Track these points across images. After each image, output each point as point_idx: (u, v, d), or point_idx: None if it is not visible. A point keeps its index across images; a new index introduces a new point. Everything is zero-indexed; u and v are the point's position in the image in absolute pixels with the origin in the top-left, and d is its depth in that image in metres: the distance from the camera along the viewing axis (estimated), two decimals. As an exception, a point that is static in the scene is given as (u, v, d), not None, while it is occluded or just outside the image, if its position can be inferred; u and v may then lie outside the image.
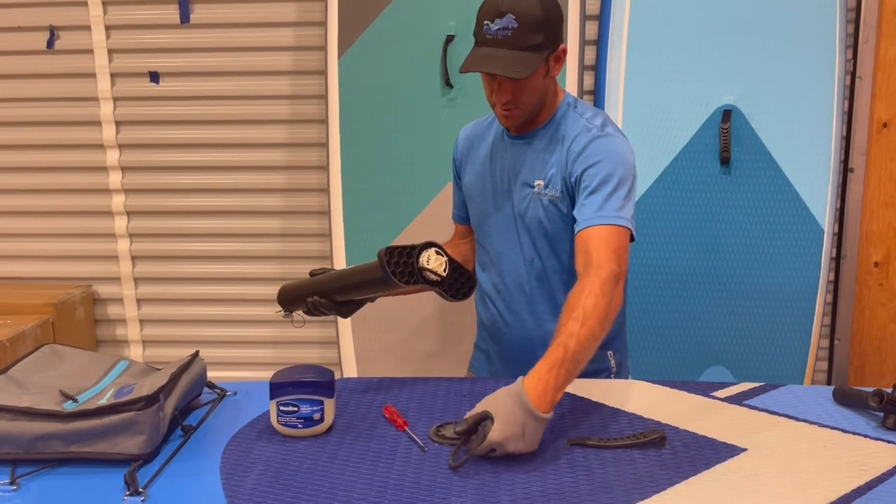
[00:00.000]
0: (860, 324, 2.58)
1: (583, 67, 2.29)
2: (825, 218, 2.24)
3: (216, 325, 2.77)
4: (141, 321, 2.79)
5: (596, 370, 1.60)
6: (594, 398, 1.42)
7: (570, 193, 1.49)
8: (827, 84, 2.24)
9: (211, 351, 2.72)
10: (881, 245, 2.52)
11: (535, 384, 1.19)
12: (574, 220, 1.45)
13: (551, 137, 1.52)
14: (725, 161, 2.23)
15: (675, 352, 2.28)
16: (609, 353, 1.62)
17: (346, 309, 1.53)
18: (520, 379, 1.21)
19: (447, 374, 1.79)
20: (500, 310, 1.63)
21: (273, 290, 2.70)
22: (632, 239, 1.43)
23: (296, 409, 1.26)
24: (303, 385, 1.26)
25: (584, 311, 1.26)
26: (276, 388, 1.26)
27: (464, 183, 1.68)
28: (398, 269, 1.40)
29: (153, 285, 2.77)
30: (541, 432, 1.19)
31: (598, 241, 1.37)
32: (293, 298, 1.60)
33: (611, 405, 1.39)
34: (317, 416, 1.27)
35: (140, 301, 2.78)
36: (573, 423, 1.31)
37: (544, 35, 1.41)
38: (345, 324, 2.35)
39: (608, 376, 1.62)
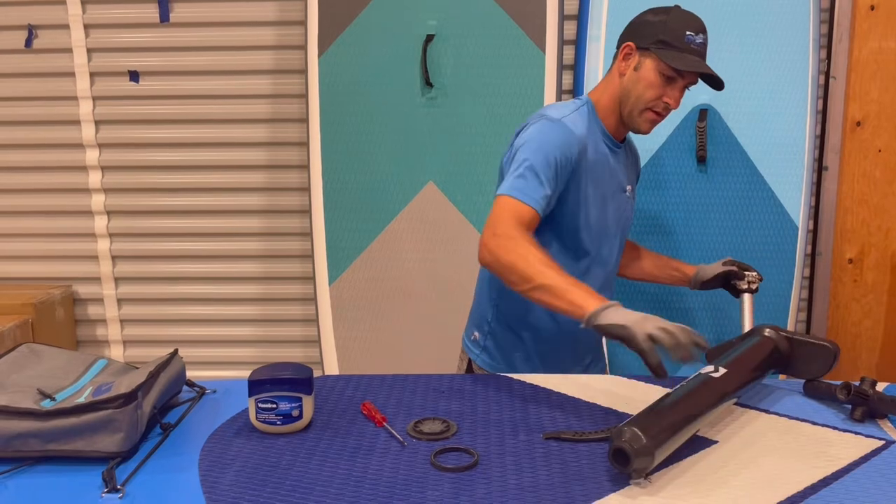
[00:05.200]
0: (835, 319, 2.62)
1: (561, 67, 2.31)
2: (800, 215, 2.28)
3: (197, 324, 2.77)
4: (121, 321, 2.79)
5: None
6: (570, 393, 1.44)
7: None
8: (801, 84, 2.27)
9: (192, 350, 2.73)
10: (855, 242, 2.56)
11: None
12: None
13: (627, 144, 1.73)
14: (702, 159, 2.26)
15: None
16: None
17: None
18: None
19: (431, 372, 1.79)
20: None
21: (254, 289, 2.75)
22: None
23: (274, 405, 1.27)
24: (281, 382, 1.27)
25: None
26: (255, 385, 1.27)
27: (580, 186, 1.56)
28: None
29: (133, 285, 2.76)
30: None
31: None
32: None
33: (586, 400, 1.41)
34: (295, 413, 1.28)
35: (120, 301, 2.77)
36: (549, 418, 1.33)
37: None
38: (326, 323, 2.36)
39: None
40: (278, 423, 1.27)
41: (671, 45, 1.55)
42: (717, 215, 2.28)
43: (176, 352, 1.42)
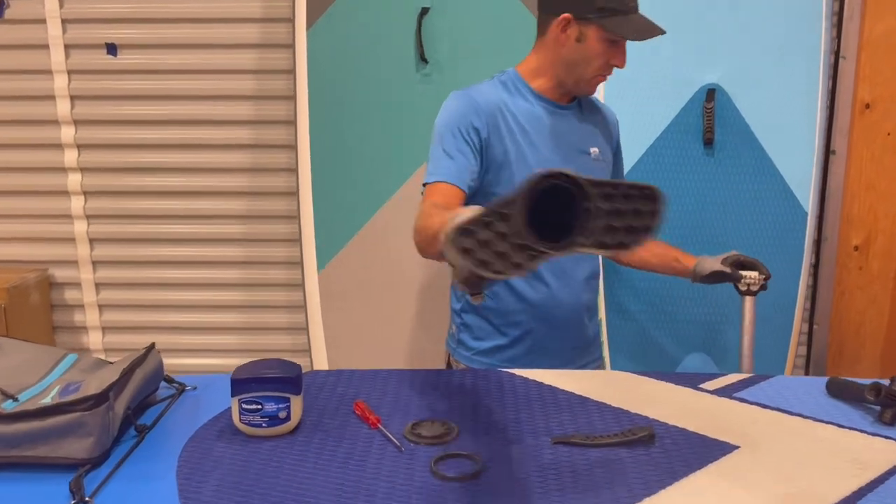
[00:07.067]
0: (839, 307, 2.56)
1: (563, 43, 2.22)
2: (809, 200, 2.20)
3: (179, 310, 2.68)
4: (100, 306, 2.69)
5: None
6: (578, 392, 1.35)
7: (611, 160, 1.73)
8: (812, 63, 2.19)
9: (174, 338, 2.64)
10: (862, 228, 2.50)
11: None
12: None
13: (585, 106, 1.68)
14: (709, 142, 2.18)
15: (656, 337, 2.23)
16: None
17: None
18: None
19: (425, 362, 1.72)
20: (554, 287, 1.61)
21: (238, 274, 2.65)
22: None
23: (259, 406, 1.17)
24: (267, 381, 1.17)
25: None
26: (238, 384, 1.17)
27: (495, 153, 1.54)
28: None
29: (112, 269, 2.66)
30: None
31: None
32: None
33: (595, 399, 1.32)
34: (282, 415, 1.18)
35: (99, 285, 2.68)
36: (557, 420, 1.24)
37: None
38: (314, 311, 2.28)
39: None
40: (264, 425, 1.18)
41: (614, 10, 1.50)
42: (724, 200, 2.20)
43: (153, 346, 1.32)
